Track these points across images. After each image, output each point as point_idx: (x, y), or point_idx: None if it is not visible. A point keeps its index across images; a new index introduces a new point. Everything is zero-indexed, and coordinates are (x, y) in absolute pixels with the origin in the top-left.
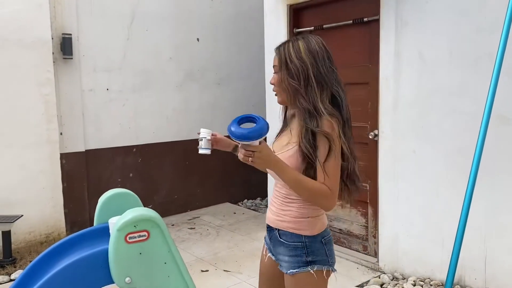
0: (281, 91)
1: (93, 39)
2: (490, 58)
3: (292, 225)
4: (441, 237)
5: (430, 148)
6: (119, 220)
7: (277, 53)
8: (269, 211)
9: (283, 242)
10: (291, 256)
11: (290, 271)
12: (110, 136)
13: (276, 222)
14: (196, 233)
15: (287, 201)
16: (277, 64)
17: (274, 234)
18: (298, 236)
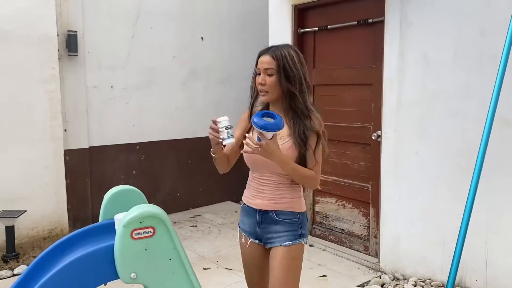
0: (272, 91)
1: (98, 37)
2: (494, 60)
3: (290, 204)
4: (442, 238)
5: (432, 150)
6: (125, 216)
7: (273, 57)
8: (258, 198)
9: (280, 220)
10: (288, 231)
11: (286, 243)
12: (113, 133)
13: (273, 205)
14: (198, 231)
15: (279, 187)
16: (274, 67)
17: (269, 216)
18: (293, 214)
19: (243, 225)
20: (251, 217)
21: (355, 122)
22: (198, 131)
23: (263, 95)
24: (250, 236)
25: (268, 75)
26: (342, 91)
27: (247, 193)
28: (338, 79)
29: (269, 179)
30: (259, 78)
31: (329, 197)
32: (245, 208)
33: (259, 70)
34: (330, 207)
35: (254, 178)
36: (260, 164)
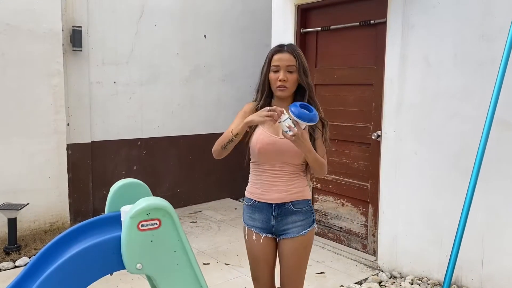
0: (291, 87)
1: (103, 33)
2: (493, 63)
3: (302, 193)
4: (439, 237)
5: (431, 150)
6: (132, 208)
7: (294, 55)
8: (273, 192)
9: (297, 210)
10: (304, 219)
11: (304, 231)
12: (116, 129)
13: (288, 196)
14: (198, 227)
15: (292, 177)
16: (295, 65)
17: (285, 208)
18: (306, 201)
19: (253, 221)
20: (263, 212)
21: (355, 121)
22: (199, 128)
23: (282, 90)
24: (263, 231)
25: (289, 72)
26: (344, 91)
27: (256, 189)
28: (340, 79)
29: (281, 170)
30: (280, 75)
31: (329, 195)
32: (255, 205)
33: (277, 67)
34: (329, 205)
35: (264, 171)
36: (273, 155)
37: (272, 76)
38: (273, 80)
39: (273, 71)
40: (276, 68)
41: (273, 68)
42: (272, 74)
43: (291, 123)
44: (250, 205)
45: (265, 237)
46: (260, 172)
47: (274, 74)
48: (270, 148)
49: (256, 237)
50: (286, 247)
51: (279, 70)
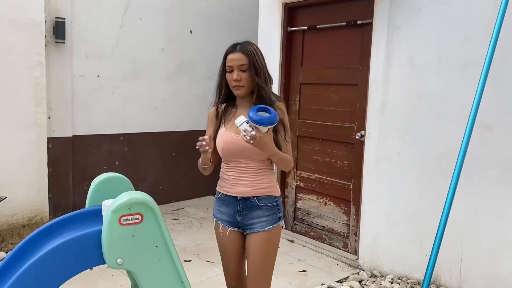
0: (247, 86)
1: (86, 25)
2: (476, 66)
3: (269, 189)
4: (420, 237)
5: (414, 151)
6: (114, 202)
7: (245, 54)
8: (239, 186)
9: (262, 205)
10: (268, 215)
11: (268, 227)
12: (98, 123)
13: (254, 191)
14: (180, 224)
15: (259, 172)
16: (246, 63)
17: (250, 202)
18: (273, 197)
19: (221, 214)
20: (230, 206)
21: (340, 121)
22: (182, 125)
23: (238, 90)
24: (229, 225)
25: (242, 71)
26: (329, 91)
27: (224, 183)
28: (325, 79)
29: (247, 166)
30: (234, 75)
31: (311, 194)
32: (222, 198)
33: (231, 67)
34: (311, 204)
35: (231, 168)
36: (236, 153)
37: (228, 77)
38: (229, 81)
39: (228, 71)
40: (230, 68)
41: (228, 69)
42: (228, 74)
43: (247, 127)
44: (218, 198)
45: (231, 230)
46: (227, 167)
47: (229, 74)
48: (232, 147)
49: (222, 230)
50: (251, 242)
51: (233, 70)
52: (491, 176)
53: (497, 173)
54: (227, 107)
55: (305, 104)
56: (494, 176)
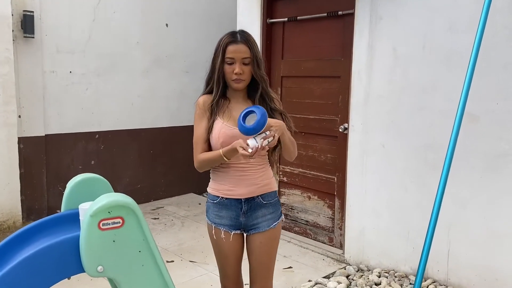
0: (248, 80)
1: (57, 18)
2: (461, 56)
3: (270, 185)
4: (406, 230)
5: (399, 143)
6: (92, 206)
7: (248, 46)
8: (242, 187)
9: (266, 203)
10: (272, 212)
11: (274, 224)
12: (71, 121)
13: (258, 190)
14: (160, 223)
15: (259, 168)
16: (250, 56)
17: (255, 202)
18: (274, 193)
19: (220, 219)
20: (232, 209)
21: (322, 114)
22: (160, 121)
23: (239, 83)
24: (231, 228)
25: (245, 64)
26: (311, 83)
27: (222, 185)
28: (307, 71)
29: (248, 163)
30: (236, 68)
31: (295, 189)
32: (222, 202)
33: (232, 59)
34: (295, 198)
35: (229, 166)
36: None
37: (227, 69)
38: (228, 73)
39: (227, 63)
40: (231, 60)
41: (228, 60)
42: (227, 66)
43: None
44: (216, 203)
45: (235, 234)
46: (224, 167)
47: (229, 66)
48: (234, 141)
49: (225, 235)
50: (257, 242)
51: (234, 63)
52: (478, 167)
53: (483, 163)
54: (219, 98)
55: (286, 97)
56: (481, 166)
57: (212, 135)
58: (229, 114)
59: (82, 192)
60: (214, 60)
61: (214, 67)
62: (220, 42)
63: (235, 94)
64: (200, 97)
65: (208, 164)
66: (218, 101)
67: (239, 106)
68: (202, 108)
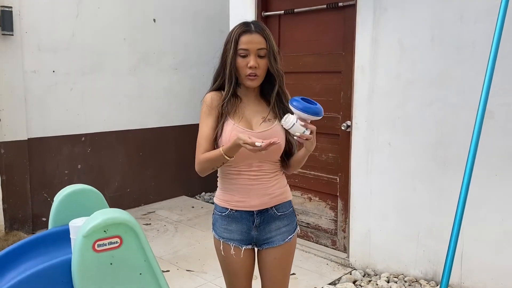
0: (262, 75)
1: (38, 15)
2: (473, 47)
3: (285, 194)
4: (416, 232)
5: (407, 141)
6: (85, 225)
7: (264, 37)
8: (254, 197)
9: (281, 214)
10: (288, 224)
11: (288, 238)
12: (56, 124)
13: (272, 200)
14: (153, 229)
15: (272, 177)
16: (266, 48)
17: (268, 214)
18: (289, 203)
19: (230, 233)
20: (243, 222)
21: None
22: (149, 121)
23: (253, 80)
24: (242, 244)
25: (260, 56)
26: (310, 79)
27: (231, 196)
28: (305, 67)
29: (260, 170)
30: (251, 61)
31: (295, 190)
32: (232, 214)
33: (246, 51)
34: (295, 200)
35: (239, 174)
36: (250, 154)
37: (241, 63)
38: (241, 67)
39: (240, 55)
40: (244, 52)
41: (241, 53)
42: (240, 59)
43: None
44: (225, 216)
45: (246, 250)
46: (234, 175)
47: (242, 59)
48: None
49: (235, 251)
50: (270, 257)
51: (248, 55)
52: (492, 165)
53: (498, 161)
54: (230, 97)
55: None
56: (495, 165)
57: (222, 138)
58: (240, 115)
59: (72, 206)
60: (225, 53)
61: (225, 61)
62: (232, 33)
63: (247, 92)
64: (208, 94)
65: (209, 165)
66: (229, 100)
67: (252, 105)
68: (209, 106)
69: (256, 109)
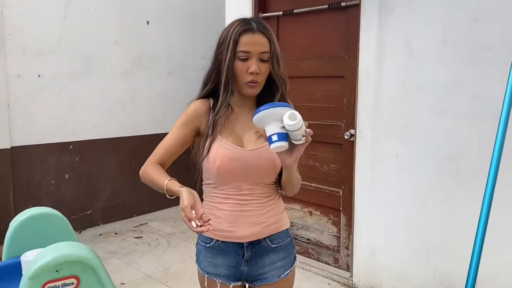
0: (263, 82)
1: (22, 16)
2: (490, 50)
3: (281, 222)
4: (425, 250)
5: (416, 151)
6: (33, 264)
7: (268, 38)
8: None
9: (276, 246)
10: (284, 258)
11: (285, 274)
12: (42, 131)
13: (265, 230)
14: (144, 243)
15: (266, 201)
16: (269, 51)
17: (261, 246)
18: (285, 232)
19: (216, 268)
20: (230, 255)
21: (324, 119)
22: (142, 128)
23: (253, 87)
24: (230, 280)
25: (263, 60)
26: (310, 85)
27: (217, 223)
28: (305, 71)
29: (251, 194)
30: (252, 65)
31: (294, 203)
32: (217, 246)
33: (247, 54)
34: (295, 214)
35: (227, 198)
36: (240, 175)
37: (240, 67)
38: (240, 73)
39: (240, 58)
40: (245, 55)
41: (241, 55)
42: (239, 63)
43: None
44: (210, 247)
45: (234, 286)
46: (221, 199)
47: (242, 64)
48: (236, 165)
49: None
50: None
51: (249, 58)
52: None
53: None
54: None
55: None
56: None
57: (208, 156)
58: (230, 129)
59: (29, 233)
60: (220, 55)
61: (220, 65)
62: (229, 31)
63: (241, 102)
64: (192, 102)
65: (150, 183)
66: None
67: (244, 117)
68: (190, 116)
69: (249, 122)
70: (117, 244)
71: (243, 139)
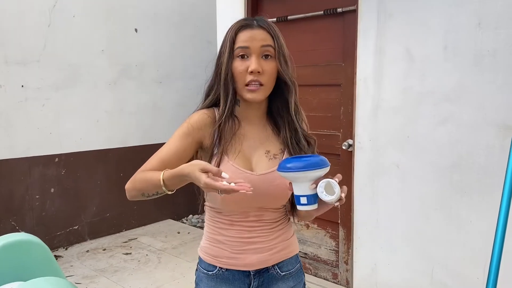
0: (270, 85)
1: (5, 24)
2: (494, 56)
3: (290, 248)
4: (430, 267)
5: (418, 163)
6: None
7: (270, 33)
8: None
9: (285, 274)
10: (294, 286)
11: None
12: (25, 144)
13: (273, 257)
14: (133, 259)
15: (274, 227)
16: (272, 46)
17: (269, 274)
18: (296, 258)
19: None
20: (236, 285)
21: (320, 129)
22: (130, 139)
23: (254, 90)
24: None
25: (266, 56)
26: (306, 93)
27: (221, 250)
28: (300, 79)
29: (259, 220)
30: (252, 63)
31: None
32: (221, 274)
33: (245, 49)
34: None
35: (232, 225)
36: (247, 201)
37: (238, 66)
38: (238, 73)
39: (238, 56)
40: (243, 51)
41: (239, 52)
42: (238, 62)
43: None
44: (212, 275)
45: None
46: (226, 225)
47: (240, 62)
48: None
49: None
50: None
51: (248, 55)
52: None
53: None
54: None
55: None
56: None
57: None
58: (237, 147)
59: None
60: (219, 58)
61: (219, 68)
62: (229, 30)
63: (247, 112)
64: (195, 113)
65: (141, 186)
66: (226, 123)
67: (254, 133)
68: (193, 126)
69: (259, 138)
70: (105, 261)
71: (251, 160)
